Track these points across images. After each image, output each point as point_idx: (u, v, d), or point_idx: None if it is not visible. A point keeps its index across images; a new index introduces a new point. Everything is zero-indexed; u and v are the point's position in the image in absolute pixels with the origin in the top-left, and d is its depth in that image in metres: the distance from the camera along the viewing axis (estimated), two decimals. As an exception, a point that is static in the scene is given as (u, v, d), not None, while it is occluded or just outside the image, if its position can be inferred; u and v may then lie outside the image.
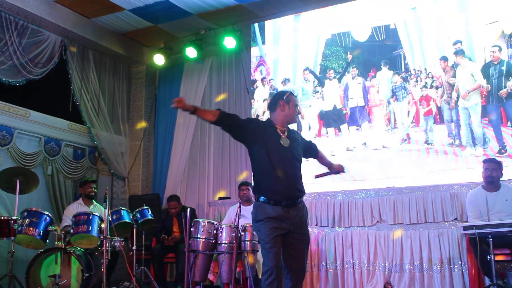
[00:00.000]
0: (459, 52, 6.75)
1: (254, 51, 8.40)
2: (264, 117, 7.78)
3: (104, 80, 8.95)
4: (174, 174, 8.90)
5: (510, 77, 6.37)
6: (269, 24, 8.32)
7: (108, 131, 8.81)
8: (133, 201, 8.47)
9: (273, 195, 3.77)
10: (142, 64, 9.54)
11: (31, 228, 5.62)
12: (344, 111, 7.47)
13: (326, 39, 7.77)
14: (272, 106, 4.04)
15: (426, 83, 6.94)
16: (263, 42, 8.32)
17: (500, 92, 6.40)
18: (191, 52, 8.64)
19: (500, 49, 6.46)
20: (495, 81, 6.47)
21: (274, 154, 3.79)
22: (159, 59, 8.90)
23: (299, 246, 3.80)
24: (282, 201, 3.75)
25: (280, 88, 7.97)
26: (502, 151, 6.28)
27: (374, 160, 7.08)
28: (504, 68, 6.42)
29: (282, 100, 3.98)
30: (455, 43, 6.78)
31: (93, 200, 6.92)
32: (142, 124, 9.43)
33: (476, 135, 6.49)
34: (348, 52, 7.54)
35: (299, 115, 4.17)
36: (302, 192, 3.86)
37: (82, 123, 8.43)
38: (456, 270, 5.99)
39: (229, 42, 8.27)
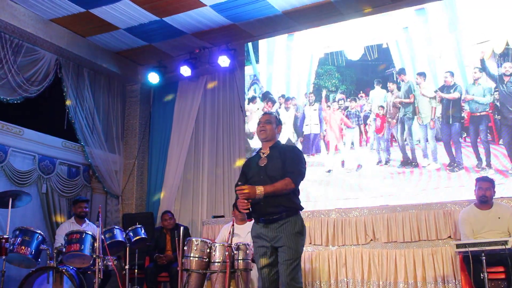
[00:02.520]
0: (421, 74, 6.96)
1: (248, 70, 8.43)
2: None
3: (98, 98, 8.97)
4: (168, 193, 8.88)
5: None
6: (263, 43, 8.37)
7: (102, 149, 8.81)
8: (127, 220, 8.41)
9: (253, 214, 3.99)
10: (137, 82, 9.57)
11: (23, 247, 5.56)
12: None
13: (319, 58, 7.82)
14: None
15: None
16: (257, 61, 8.36)
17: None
18: (185, 70, 8.68)
19: (452, 74, 6.78)
20: (445, 103, 6.80)
21: (250, 175, 4.03)
22: (153, 78, 8.92)
23: (280, 260, 3.86)
24: (260, 218, 3.92)
25: (275, 106, 7.99)
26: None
27: (367, 179, 7.09)
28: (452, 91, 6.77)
29: None
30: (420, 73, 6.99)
31: (85, 219, 6.89)
32: (136, 143, 9.42)
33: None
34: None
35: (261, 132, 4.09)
36: (278, 207, 3.86)
37: (76, 141, 8.43)
38: (450, 288, 5.97)
39: (223, 61, 8.31)
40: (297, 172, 3.93)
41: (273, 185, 3.83)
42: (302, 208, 4.03)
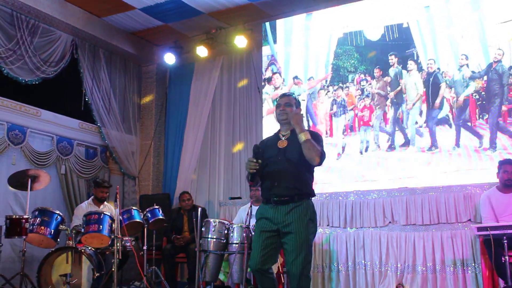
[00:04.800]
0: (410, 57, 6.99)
1: (266, 50, 8.38)
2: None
3: (115, 79, 8.99)
4: (185, 174, 8.90)
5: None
6: (280, 22, 8.29)
7: (118, 130, 8.85)
8: (144, 201, 8.48)
9: (263, 194, 3.91)
10: (153, 63, 9.55)
11: (42, 227, 5.66)
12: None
13: (338, 38, 7.73)
14: None
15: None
16: (275, 41, 8.29)
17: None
18: (202, 51, 8.64)
19: (435, 62, 6.87)
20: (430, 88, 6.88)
21: (267, 155, 3.91)
22: (169, 58, 8.90)
23: (289, 248, 3.71)
24: (271, 198, 3.81)
25: (291, 86, 7.96)
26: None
27: (386, 161, 7.06)
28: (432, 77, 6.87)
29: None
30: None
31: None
32: (153, 124, 9.46)
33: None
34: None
35: (285, 115, 3.98)
36: (292, 190, 3.77)
37: (92, 122, 8.47)
38: (469, 271, 5.96)
39: (240, 41, 8.25)
40: (323, 152, 3.84)
41: (311, 140, 3.76)
42: (314, 195, 3.92)
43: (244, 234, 5.37)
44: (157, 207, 6.60)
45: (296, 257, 3.64)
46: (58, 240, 5.85)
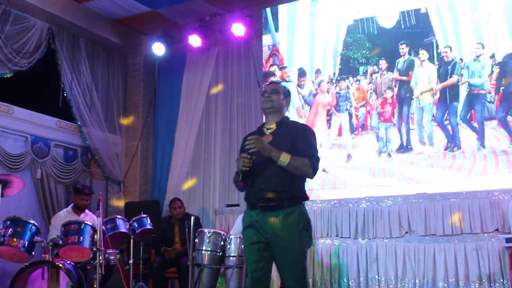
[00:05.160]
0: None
1: (266, 40, 8.37)
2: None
3: (97, 72, 8.96)
4: (176, 178, 8.89)
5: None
6: (283, 8, 8.29)
7: (101, 130, 8.82)
8: (130, 209, 8.46)
9: (248, 199, 3.72)
10: (140, 54, 9.55)
11: (15, 239, 5.56)
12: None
13: (347, 25, 7.73)
14: None
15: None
16: (276, 29, 8.29)
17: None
18: (194, 40, 8.63)
19: (451, 49, 6.88)
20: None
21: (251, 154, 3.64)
22: (158, 49, 8.89)
23: (281, 263, 3.58)
24: (256, 203, 3.63)
25: (295, 79, 7.94)
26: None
27: (402, 163, 7.04)
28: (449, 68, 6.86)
29: None
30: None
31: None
32: (140, 122, 9.45)
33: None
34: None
35: (269, 103, 3.79)
36: (281, 193, 3.60)
37: (72, 120, 8.44)
38: (497, 288, 5.93)
39: (238, 30, 8.23)
40: (315, 157, 3.66)
41: (292, 157, 3.53)
42: (307, 198, 3.75)
43: (242, 246, 5.32)
44: (144, 215, 6.54)
45: (291, 273, 3.53)
46: (33, 253, 5.74)
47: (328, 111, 7.67)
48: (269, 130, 3.78)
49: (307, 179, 3.74)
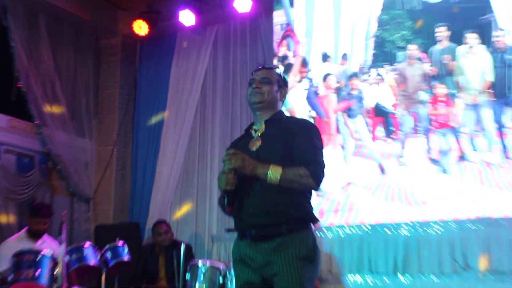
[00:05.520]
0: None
1: (278, 17, 8.41)
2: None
3: (61, 57, 8.98)
4: (162, 195, 8.88)
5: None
6: (300, -24, 8.34)
7: (66, 131, 8.81)
8: (102, 234, 8.42)
9: (236, 226, 3.63)
10: (117, 34, 9.58)
11: None
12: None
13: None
14: None
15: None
16: (291, 4, 8.34)
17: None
18: (187, 17, 8.62)
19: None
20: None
21: None
22: (140, 28, 8.87)
23: None
24: (245, 231, 3.54)
25: (316, 69, 7.90)
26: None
27: (454, 177, 6.98)
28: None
29: None
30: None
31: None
32: (116, 122, 9.41)
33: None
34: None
35: (256, 95, 3.65)
36: (276, 216, 3.51)
37: (28, 119, 8.43)
38: None
39: (242, 4, 8.25)
40: (316, 162, 3.53)
41: (284, 170, 3.42)
42: (316, 220, 3.64)
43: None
44: (120, 243, 6.50)
45: None
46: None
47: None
48: (257, 132, 3.68)
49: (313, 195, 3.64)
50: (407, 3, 7.62)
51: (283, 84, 3.79)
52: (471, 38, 7.05)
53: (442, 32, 7.21)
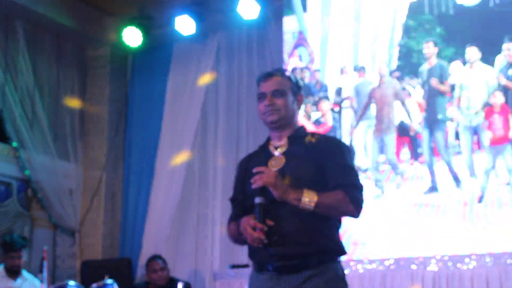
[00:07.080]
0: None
1: (290, 24, 8.45)
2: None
3: (42, 69, 9.02)
4: (157, 227, 8.90)
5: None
6: (314, -21, 8.38)
7: (48, 154, 8.85)
8: (89, 270, 8.43)
9: (253, 256, 3.62)
10: (104, 43, 9.64)
11: None
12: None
13: (409, 2, 7.79)
14: None
15: None
16: (304, 9, 8.38)
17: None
18: (185, 24, 8.68)
19: None
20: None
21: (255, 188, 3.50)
22: (132, 36, 8.96)
23: None
24: (268, 263, 3.51)
25: (331, 83, 7.97)
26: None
27: (491, 205, 7.01)
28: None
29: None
30: None
31: (21, 271, 6.95)
32: (104, 144, 9.46)
33: None
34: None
35: (272, 112, 3.59)
36: (305, 247, 3.50)
37: (5, 140, 8.48)
38: None
39: (248, 10, 8.30)
40: (355, 187, 3.51)
41: (319, 194, 3.38)
42: (344, 252, 3.62)
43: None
44: (110, 281, 6.55)
45: None
46: None
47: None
48: (278, 149, 3.65)
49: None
50: (437, 7, 7.59)
51: (297, 90, 3.72)
52: (471, 52, 7.17)
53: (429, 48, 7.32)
